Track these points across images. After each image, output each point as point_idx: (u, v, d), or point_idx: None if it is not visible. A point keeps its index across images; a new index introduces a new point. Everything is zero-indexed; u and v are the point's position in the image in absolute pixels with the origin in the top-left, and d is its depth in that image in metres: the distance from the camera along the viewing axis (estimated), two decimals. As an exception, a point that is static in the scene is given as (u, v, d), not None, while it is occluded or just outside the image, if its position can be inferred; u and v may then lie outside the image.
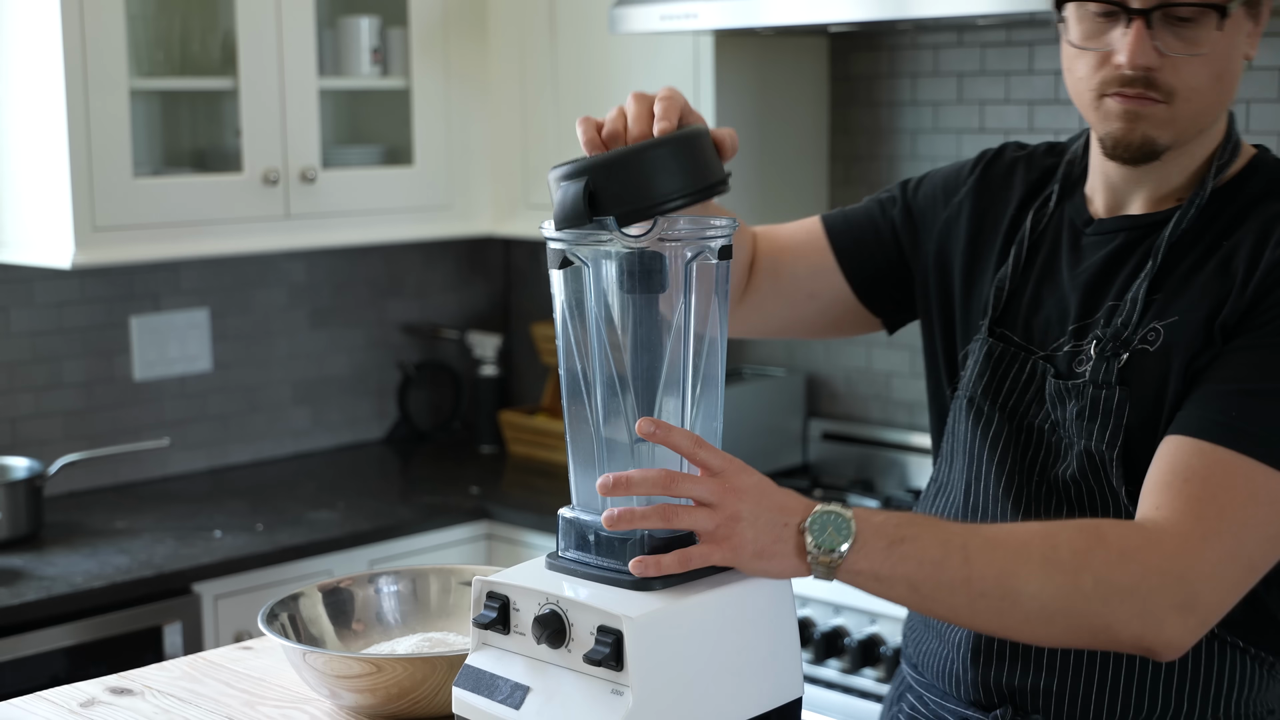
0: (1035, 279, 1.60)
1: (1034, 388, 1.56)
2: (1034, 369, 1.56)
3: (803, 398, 3.46)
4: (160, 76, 3.19)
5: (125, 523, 3.09)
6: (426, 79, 3.41)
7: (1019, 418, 1.57)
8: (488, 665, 1.38)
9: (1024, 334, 1.59)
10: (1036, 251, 1.62)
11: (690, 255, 1.36)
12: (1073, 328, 1.55)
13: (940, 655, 1.62)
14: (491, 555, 3.27)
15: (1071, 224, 1.60)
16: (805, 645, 2.70)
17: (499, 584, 1.38)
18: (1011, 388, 1.58)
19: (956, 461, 1.63)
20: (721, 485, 1.32)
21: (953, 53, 3.17)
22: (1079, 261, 1.57)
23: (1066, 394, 1.52)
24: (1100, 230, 1.57)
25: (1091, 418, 1.49)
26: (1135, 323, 1.49)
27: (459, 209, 3.50)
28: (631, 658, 1.27)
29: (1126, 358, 1.48)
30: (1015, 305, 1.61)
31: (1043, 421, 1.55)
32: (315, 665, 1.54)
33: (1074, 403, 1.51)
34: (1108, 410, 1.48)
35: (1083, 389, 1.50)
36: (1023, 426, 1.57)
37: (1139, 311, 1.49)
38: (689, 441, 1.32)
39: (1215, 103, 1.49)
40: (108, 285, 3.34)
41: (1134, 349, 1.48)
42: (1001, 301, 1.61)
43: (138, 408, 3.40)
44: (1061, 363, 1.55)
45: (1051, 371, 1.54)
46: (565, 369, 1.40)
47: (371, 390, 3.81)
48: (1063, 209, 1.62)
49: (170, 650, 2.79)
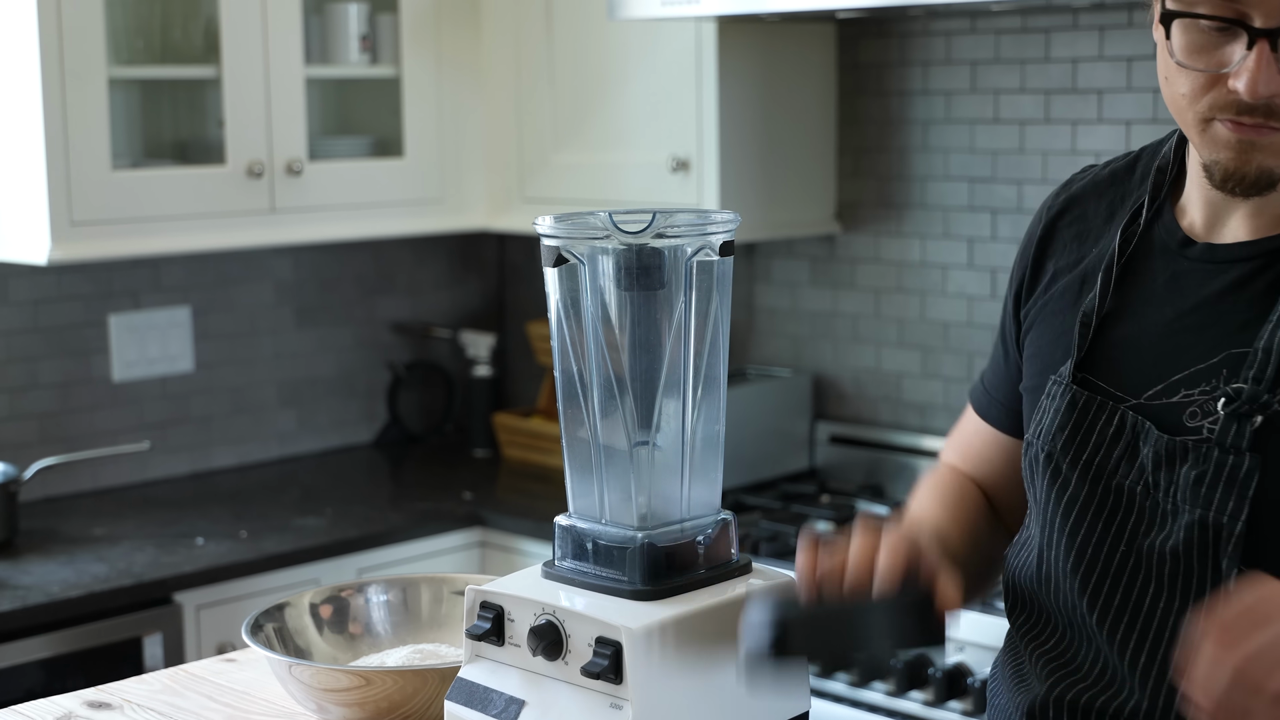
0: (1127, 312, 1.47)
1: (1123, 443, 1.43)
2: (1123, 421, 1.43)
3: (809, 399, 3.46)
4: (140, 65, 3.19)
5: (104, 529, 3.09)
6: (417, 67, 3.41)
7: (1104, 479, 1.44)
8: (481, 678, 1.38)
9: (1111, 377, 1.46)
10: (1128, 280, 1.48)
11: (690, 251, 1.36)
12: (1181, 376, 1.41)
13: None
14: (485, 563, 3.27)
15: (1165, 247, 1.47)
16: (812, 657, 2.69)
17: (493, 593, 1.38)
18: (1097, 444, 1.45)
19: (1034, 520, 1.52)
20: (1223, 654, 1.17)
21: (966, 40, 3.17)
22: (1180, 293, 1.44)
23: (1182, 454, 1.38)
24: (1210, 258, 1.44)
25: (1213, 485, 1.36)
26: (1272, 378, 1.35)
27: (451, 203, 3.50)
28: (631, 670, 1.28)
29: (1261, 421, 1.35)
30: (1102, 343, 1.48)
31: (1134, 484, 1.42)
32: (302, 678, 1.54)
33: (1192, 466, 1.38)
34: (1233, 479, 1.35)
35: (1206, 452, 1.37)
36: (1109, 489, 1.43)
37: (1275, 364, 1.35)
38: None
39: None
40: (85, 282, 3.34)
41: (1272, 411, 1.35)
42: (1088, 339, 1.48)
43: (117, 410, 3.41)
44: (1164, 415, 1.41)
45: (1151, 429, 1.40)
46: (561, 370, 1.41)
47: (360, 391, 3.82)
48: (1153, 229, 1.49)
49: (150, 662, 2.79)
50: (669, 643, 1.31)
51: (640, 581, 1.35)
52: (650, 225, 1.35)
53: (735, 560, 1.43)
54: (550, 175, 3.41)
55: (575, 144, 3.36)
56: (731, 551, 1.43)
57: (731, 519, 1.43)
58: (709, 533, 1.41)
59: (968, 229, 3.20)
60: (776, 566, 1.50)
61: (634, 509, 1.37)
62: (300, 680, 1.54)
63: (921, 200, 3.27)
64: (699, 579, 1.38)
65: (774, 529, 2.98)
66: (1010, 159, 3.13)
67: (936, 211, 3.25)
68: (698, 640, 1.33)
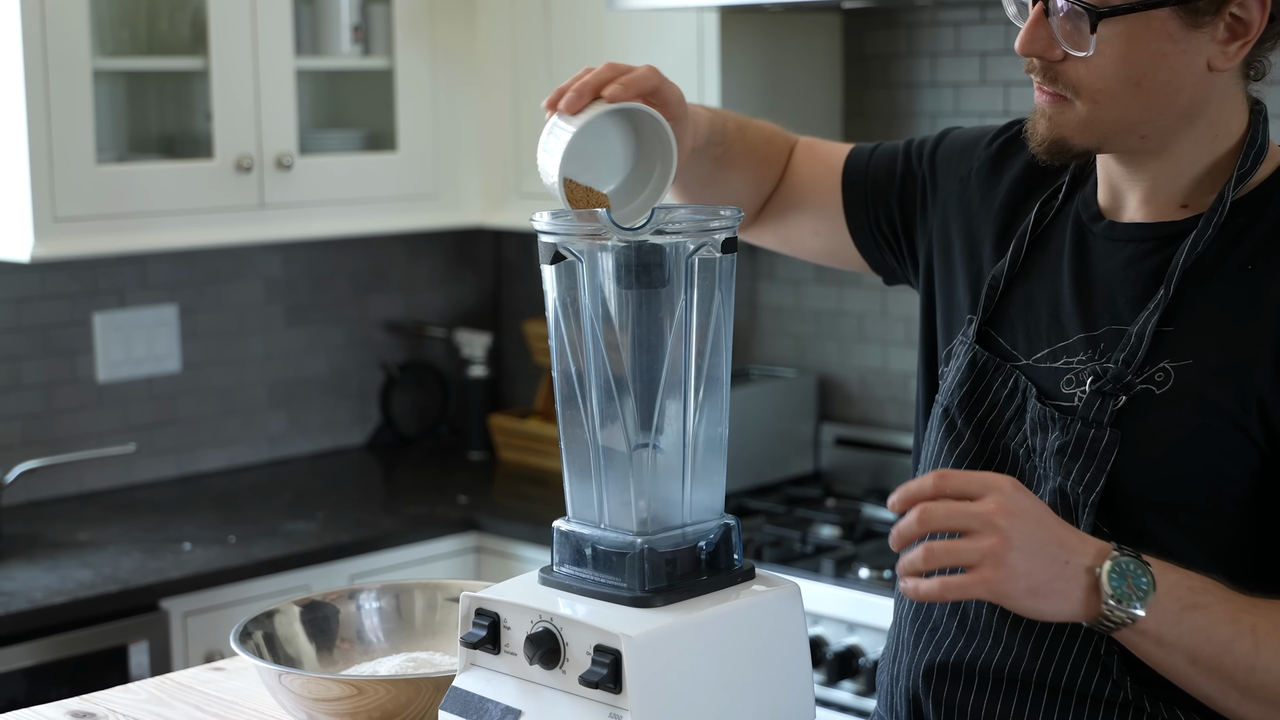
0: (1033, 274, 1.57)
1: (1014, 406, 1.53)
2: (1016, 384, 1.53)
3: (814, 400, 3.46)
4: (125, 56, 3.19)
5: (88, 534, 3.09)
6: (411, 59, 3.41)
7: (994, 437, 1.54)
8: (476, 687, 1.38)
9: (1009, 335, 1.56)
10: (1038, 246, 1.59)
11: (692, 248, 1.36)
12: (1065, 343, 1.52)
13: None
14: (481, 569, 3.27)
15: (1078, 218, 1.57)
16: (817, 666, 2.70)
17: (488, 600, 1.38)
18: (992, 403, 1.55)
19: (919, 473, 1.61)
20: (993, 505, 1.30)
21: (975, 30, 3.17)
22: (1083, 264, 1.54)
23: (1050, 423, 1.49)
24: (1111, 235, 1.53)
25: (1074, 456, 1.46)
26: (1141, 362, 1.45)
27: (446, 198, 3.50)
28: (630, 679, 1.28)
29: (1124, 400, 1.44)
30: (1006, 303, 1.58)
31: (1018, 445, 1.52)
32: (292, 687, 1.54)
33: (1056, 435, 1.48)
34: (1093, 451, 1.45)
35: (1069, 423, 1.47)
36: (998, 448, 1.54)
37: (1145, 349, 1.45)
38: (932, 481, 1.32)
39: (1147, 110, 1.44)
40: (69, 280, 3.34)
41: (1136, 390, 1.45)
42: (995, 300, 1.58)
43: (102, 411, 3.41)
44: (1046, 378, 1.51)
45: (1034, 392, 1.51)
46: (559, 370, 1.41)
47: (352, 392, 3.81)
48: (1072, 201, 1.59)
49: (136, 671, 2.79)
50: (670, 651, 1.31)
51: (640, 588, 1.35)
52: (650, 221, 1.35)
53: (738, 566, 1.42)
54: (548, 170, 3.41)
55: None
56: (734, 557, 1.43)
57: (734, 524, 1.43)
58: (711, 538, 1.41)
59: (977, 225, 3.20)
60: (781, 572, 1.50)
61: (634, 513, 1.37)
62: (290, 689, 1.54)
63: (930, 195, 3.26)
64: (701, 585, 1.38)
65: (778, 534, 2.98)
66: (1021, 153, 3.13)
67: (945, 207, 3.24)
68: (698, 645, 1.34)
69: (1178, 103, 1.45)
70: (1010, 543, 1.29)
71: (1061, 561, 1.31)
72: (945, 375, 1.62)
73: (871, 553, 2.90)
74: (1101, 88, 1.44)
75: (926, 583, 1.29)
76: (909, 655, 1.57)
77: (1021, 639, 1.48)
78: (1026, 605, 1.31)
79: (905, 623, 1.59)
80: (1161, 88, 1.44)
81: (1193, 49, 1.43)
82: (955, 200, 1.69)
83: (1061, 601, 1.31)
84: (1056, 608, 1.31)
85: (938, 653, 1.53)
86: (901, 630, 1.59)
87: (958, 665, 1.51)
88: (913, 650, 1.56)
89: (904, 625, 1.59)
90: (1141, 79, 1.44)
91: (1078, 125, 1.47)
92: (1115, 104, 1.45)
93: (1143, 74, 1.43)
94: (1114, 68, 1.43)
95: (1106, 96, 1.45)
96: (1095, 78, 1.44)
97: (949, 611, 1.54)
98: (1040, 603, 1.31)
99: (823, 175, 1.82)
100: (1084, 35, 1.42)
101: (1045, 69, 1.47)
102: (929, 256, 1.71)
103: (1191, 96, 1.45)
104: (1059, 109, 1.47)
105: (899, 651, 1.59)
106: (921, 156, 1.75)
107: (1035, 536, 1.31)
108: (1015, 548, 1.29)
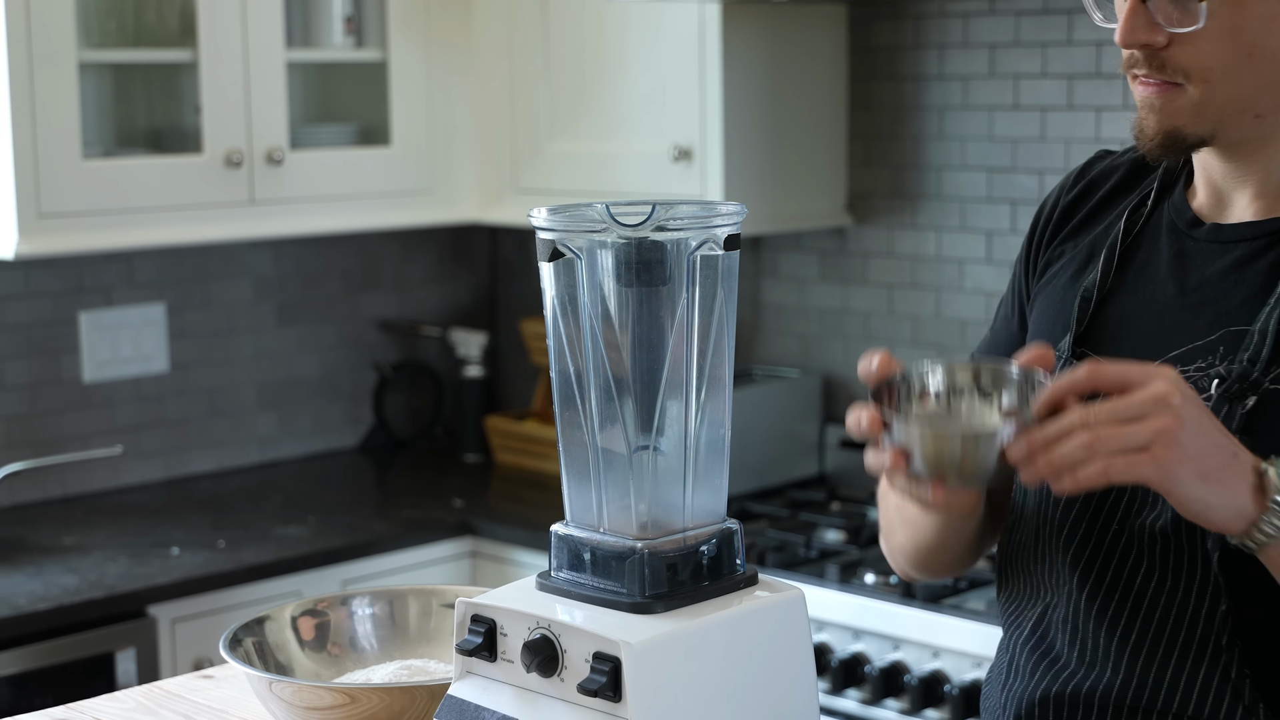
0: (1127, 288, 1.54)
1: None
2: None
3: (819, 401, 3.46)
4: (112, 48, 3.19)
5: (74, 539, 3.09)
6: (405, 51, 3.41)
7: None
8: (472, 696, 1.38)
9: (1111, 353, 1.51)
10: (1130, 258, 1.55)
11: (694, 245, 1.36)
12: (1178, 353, 1.47)
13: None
14: (476, 575, 3.27)
15: (1173, 226, 1.53)
16: (821, 674, 2.70)
17: (484, 606, 1.38)
18: None
19: (1028, 496, 1.57)
20: (1163, 386, 1.26)
21: (984, 22, 3.17)
22: (1185, 272, 1.50)
23: None
24: (1214, 237, 1.50)
25: None
26: (1267, 359, 1.41)
27: (441, 194, 3.51)
28: (630, 688, 1.28)
29: (1254, 402, 1.41)
30: (1100, 320, 1.54)
31: None
32: (283, 696, 1.54)
33: None
34: None
35: None
36: None
37: (1270, 345, 1.41)
38: (1085, 373, 1.29)
39: (1261, 83, 1.43)
40: (54, 278, 3.34)
41: (1264, 390, 1.41)
42: (1087, 315, 1.55)
43: (87, 412, 3.41)
44: None
45: None
46: (558, 370, 1.41)
47: (344, 394, 3.82)
48: (1161, 209, 1.56)
49: (123, 679, 2.79)
50: (671, 659, 1.31)
51: (640, 594, 1.35)
52: (651, 217, 1.35)
53: (741, 571, 1.43)
54: (545, 165, 3.42)
55: (572, 132, 3.36)
56: (737, 562, 1.43)
57: (737, 528, 1.43)
58: (713, 542, 1.41)
59: (986, 221, 3.21)
60: (784, 578, 1.50)
61: (634, 517, 1.38)
62: (281, 698, 1.54)
63: (937, 191, 3.27)
64: (702, 591, 1.38)
65: (781, 538, 2.99)
66: (1031, 147, 3.13)
67: (953, 203, 3.25)
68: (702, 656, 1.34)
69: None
70: (1184, 423, 1.26)
71: (1230, 453, 1.29)
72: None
73: (877, 558, 2.90)
74: (1214, 64, 1.42)
75: (1088, 469, 1.26)
76: (1023, 683, 1.53)
77: (1143, 667, 1.45)
78: (1194, 493, 1.28)
79: (1020, 648, 1.55)
80: (1275, 55, 1.42)
81: None
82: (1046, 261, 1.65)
83: (1227, 493, 1.29)
84: (1221, 499, 1.29)
85: (1055, 682, 1.50)
86: (1016, 656, 1.55)
87: (1075, 695, 1.48)
88: (1029, 678, 1.52)
89: (1018, 651, 1.55)
90: (1254, 48, 1.42)
91: (1191, 111, 1.44)
92: (1229, 81, 1.42)
93: (1254, 44, 1.42)
94: (1223, 41, 1.41)
95: (1219, 74, 1.42)
96: (1205, 55, 1.42)
97: (1069, 640, 1.50)
98: (1207, 491, 1.28)
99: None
100: (1191, 9, 1.40)
101: (1150, 58, 1.44)
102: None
103: None
104: (1168, 98, 1.44)
105: (1011, 678, 1.55)
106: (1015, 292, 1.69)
107: (1206, 421, 1.29)
108: (1188, 428, 1.26)
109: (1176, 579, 1.44)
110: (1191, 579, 1.43)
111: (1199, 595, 1.43)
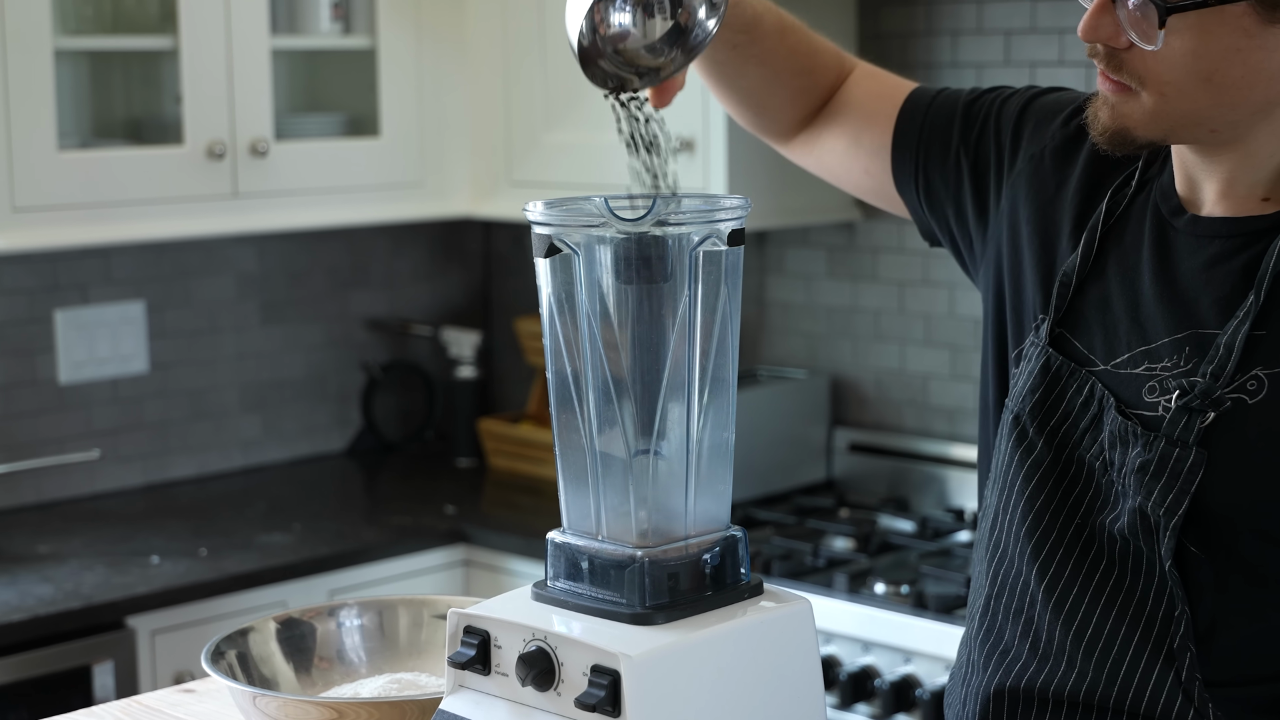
0: (1109, 271, 1.56)
1: (1090, 415, 1.52)
2: (1092, 391, 1.52)
3: (827, 404, 3.47)
4: (89, 35, 3.19)
5: (49, 547, 3.09)
6: (395, 38, 3.41)
7: (1068, 448, 1.54)
8: (465, 710, 1.38)
9: (1086, 339, 1.55)
10: (1112, 240, 1.57)
11: (697, 240, 1.36)
12: (1147, 348, 1.51)
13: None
14: (469, 584, 3.27)
15: (1157, 211, 1.55)
16: (830, 688, 2.70)
17: (478, 617, 1.38)
18: (1066, 412, 1.54)
19: (993, 488, 1.61)
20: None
21: (999, 7, 3.17)
22: (1165, 262, 1.53)
23: (1132, 438, 1.48)
24: (1194, 230, 1.52)
25: (1156, 475, 1.45)
26: (1232, 374, 1.44)
27: (432, 186, 3.51)
28: (630, 702, 1.28)
29: (1213, 417, 1.44)
30: (1080, 302, 1.57)
31: (1094, 458, 1.52)
32: (267, 711, 1.54)
33: (1138, 451, 1.47)
34: (1176, 473, 1.44)
35: (1152, 440, 1.46)
36: (1072, 459, 1.53)
37: (1236, 359, 1.44)
38: None
39: (1217, 105, 1.44)
40: (28, 274, 3.34)
41: (1226, 406, 1.44)
42: (1066, 298, 1.57)
43: (63, 415, 3.41)
44: (1126, 386, 1.50)
45: (1113, 402, 1.50)
46: (554, 371, 1.41)
47: (331, 395, 3.82)
48: (1149, 191, 1.58)
49: (101, 693, 2.79)
50: (672, 672, 1.31)
51: (640, 604, 1.35)
52: (651, 212, 1.35)
53: (745, 581, 1.43)
54: (541, 157, 3.42)
55: (568, 123, 3.36)
56: (741, 571, 1.43)
57: (741, 535, 1.43)
58: (716, 550, 1.41)
59: (1001, 216, 3.20)
60: (791, 588, 1.51)
61: (634, 524, 1.38)
62: (266, 713, 1.54)
63: (950, 184, 3.27)
64: (705, 602, 1.38)
65: (788, 546, 2.99)
66: (1048, 138, 3.13)
67: (967, 196, 3.25)
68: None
69: (1251, 99, 1.45)
70: None
71: None
72: (1016, 379, 1.60)
73: (887, 566, 2.90)
74: (1169, 80, 1.44)
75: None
76: (979, 677, 1.57)
77: (1097, 663, 1.48)
78: None
79: (975, 644, 1.59)
80: (1234, 84, 1.44)
81: (1270, 44, 1.42)
82: (1026, 180, 1.67)
83: None
84: None
85: (1008, 676, 1.54)
86: (971, 651, 1.60)
87: (1029, 689, 1.52)
88: (982, 672, 1.56)
89: (974, 646, 1.59)
90: (1213, 74, 1.43)
91: (1142, 117, 1.46)
92: (1183, 98, 1.44)
93: (1214, 70, 1.43)
94: (1183, 62, 1.43)
95: (1174, 90, 1.44)
96: (1163, 69, 1.44)
97: (1020, 633, 1.54)
98: None
99: (880, 108, 1.82)
100: (1152, 27, 1.41)
101: (1109, 56, 1.46)
102: (999, 239, 1.68)
103: (1266, 93, 1.44)
104: (1123, 98, 1.47)
105: (969, 674, 1.59)
106: (1003, 116, 1.72)
107: None
108: None
109: (1135, 578, 1.49)
110: (1150, 580, 1.47)
111: (1156, 597, 1.47)
